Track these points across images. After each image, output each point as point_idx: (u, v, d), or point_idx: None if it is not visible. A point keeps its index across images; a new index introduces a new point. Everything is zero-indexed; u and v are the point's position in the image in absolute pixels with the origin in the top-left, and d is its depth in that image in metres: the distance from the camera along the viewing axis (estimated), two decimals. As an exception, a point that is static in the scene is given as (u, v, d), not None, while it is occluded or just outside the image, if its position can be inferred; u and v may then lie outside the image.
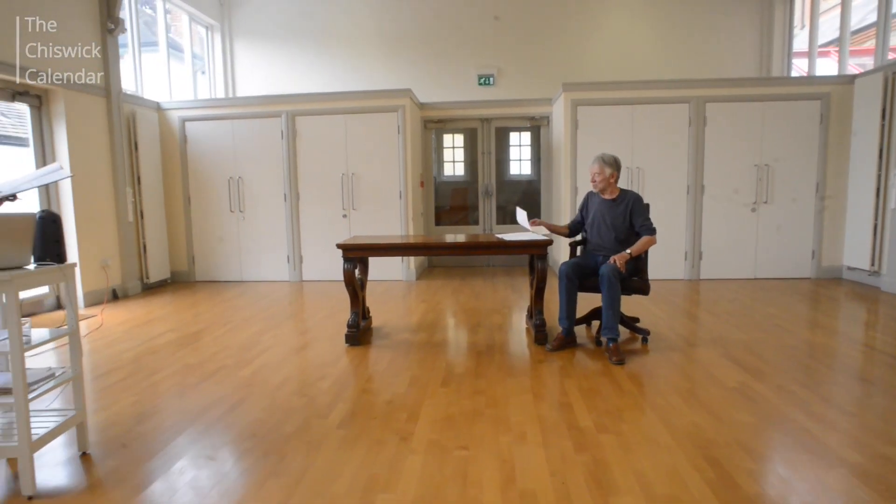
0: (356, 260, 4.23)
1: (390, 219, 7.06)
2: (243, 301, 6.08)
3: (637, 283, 3.96)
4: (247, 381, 3.44)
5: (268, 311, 5.55)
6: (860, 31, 7.13)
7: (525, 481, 2.18)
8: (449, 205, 8.62)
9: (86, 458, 2.47)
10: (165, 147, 7.26)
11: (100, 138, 6.17)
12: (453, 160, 8.62)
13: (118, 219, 6.41)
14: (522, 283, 6.69)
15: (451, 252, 6.69)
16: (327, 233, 7.05)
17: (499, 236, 4.25)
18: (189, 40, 8.37)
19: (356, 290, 4.22)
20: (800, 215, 6.60)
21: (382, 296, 6.06)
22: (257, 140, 7.16)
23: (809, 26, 7.86)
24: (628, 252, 3.80)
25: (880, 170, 5.89)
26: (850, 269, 6.51)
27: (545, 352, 3.92)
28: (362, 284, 4.47)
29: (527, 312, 4.73)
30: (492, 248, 4.26)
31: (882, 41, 6.33)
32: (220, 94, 8.87)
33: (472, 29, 8.55)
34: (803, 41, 8.11)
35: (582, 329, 4.44)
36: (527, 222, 4.27)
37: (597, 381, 3.30)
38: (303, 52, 8.81)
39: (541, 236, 4.12)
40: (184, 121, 7.23)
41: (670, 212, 6.64)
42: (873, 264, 6.03)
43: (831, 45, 7.62)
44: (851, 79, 6.41)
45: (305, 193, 7.17)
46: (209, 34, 8.87)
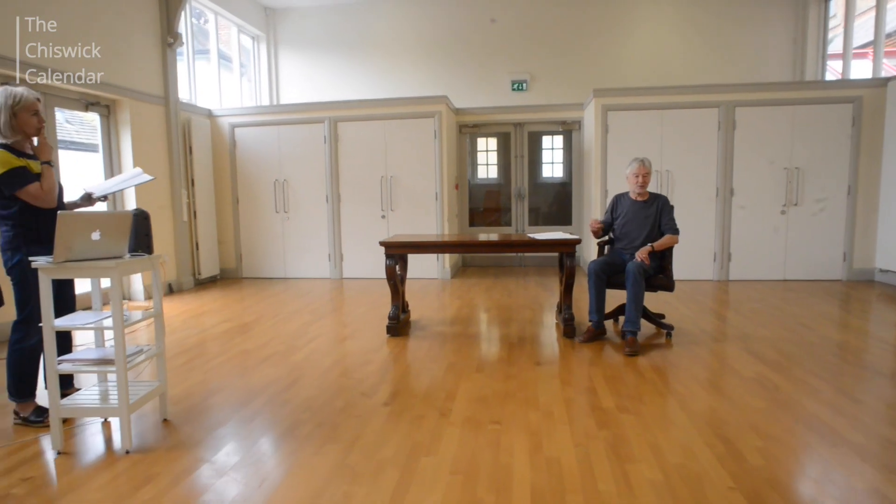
0: (397, 257, 4.56)
1: (426, 220, 7.39)
2: (288, 296, 6.49)
3: (662, 280, 4.19)
4: (299, 365, 3.80)
5: (312, 305, 5.93)
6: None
7: (551, 450, 2.46)
8: (482, 206, 8.91)
9: (167, 424, 2.85)
10: (216, 151, 7.75)
11: (159, 143, 6.68)
12: (487, 163, 8.91)
13: (174, 218, 6.91)
14: (553, 283, 6.93)
15: (485, 249, 6.97)
16: (367, 233, 7.42)
17: (530, 236, 4.52)
18: (237, 50, 8.89)
19: (397, 285, 4.55)
20: (830, 217, 6.66)
21: (419, 292, 6.38)
22: (301, 145, 7.59)
23: (844, 28, 7.88)
24: (651, 245, 4.06)
25: (912, 172, 5.93)
26: (882, 271, 6.54)
27: (573, 343, 4.17)
28: (402, 280, 4.79)
29: (556, 308, 4.98)
30: (522, 246, 4.53)
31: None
32: (265, 100, 9.37)
33: (505, 36, 8.82)
34: (840, 43, 8.12)
35: (609, 324, 4.67)
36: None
37: (621, 370, 3.55)
38: (343, 59, 9.23)
39: (570, 235, 4.37)
40: (233, 127, 7.71)
41: (699, 214, 6.79)
42: (905, 266, 6.07)
43: (868, 46, 7.63)
44: (884, 81, 6.45)
45: (346, 195, 7.56)
46: (255, 44, 9.37)
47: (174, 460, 2.45)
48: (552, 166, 8.77)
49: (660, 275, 4.20)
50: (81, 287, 3.59)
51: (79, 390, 2.95)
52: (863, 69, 7.83)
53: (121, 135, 6.21)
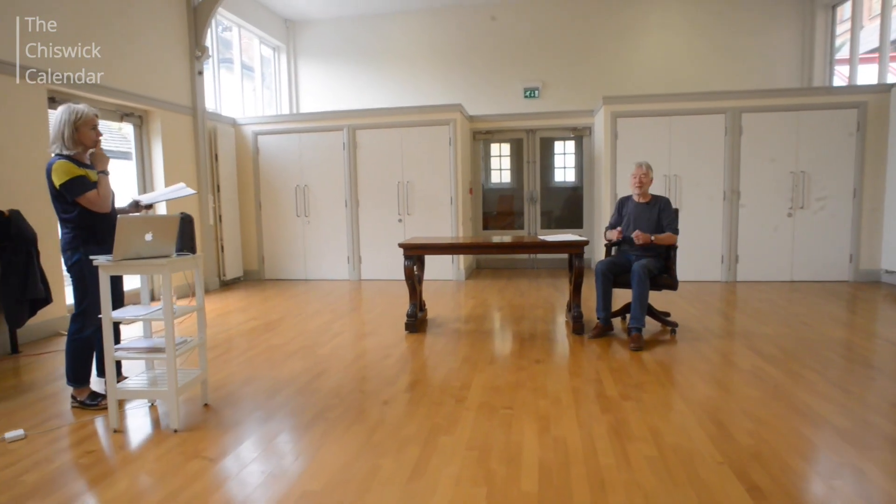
0: (415, 258, 4.83)
1: (442, 223, 7.67)
2: (310, 296, 6.78)
3: (666, 279, 4.41)
4: (325, 358, 4.08)
5: (333, 304, 6.22)
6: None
7: (558, 431, 2.70)
8: (496, 210, 9.16)
9: (207, 408, 3.13)
10: (240, 158, 8.10)
11: (187, 151, 7.03)
12: (500, 168, 9.16)
13: (201, 221, 7.25)
14: (565, 284, 7.15)
15: (497, 250, 7.22)
16: (384, 236, 7.72)
17: (541, 238, 4.77)
18: (259, 61, 9.25)
19: (414, 285, 4.82)
20: (836, 219, 6.82)
21: (435, 293, 6.65)
22: (321, 151, 7.91)
23: (851, 34, 8.03)
24: (652, 237, 4.34)
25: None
26: (888, 272, 6.68)
27: (582, 339, 4.41)
28: (419, 279, 5.06)
29: (567, 306, 5.22)
30: (533, 248, 4.78)
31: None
32: (285, 109, 9.72)
33: (518, 45, 9.10)
34: (848, 49, 8.25)
35: (617, 321, 4.89)
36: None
37: (626, 363, 3.78)
38: (361, 69, 9.56)
39: (578, 237, 4.61)
40: (256, 135, 8.05)
41: (707, 217, 6.99)
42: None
43: (876, 52, 7.76)
44: (888, 87, 6.61)
45: (364, 200, 7.86)
46: (276, 55, 9.73)
47: (218, 437, 2.73)
48: (564, 171, 9.00)
49: (664, 274, 4.42)
50: (127, 284, 3.90)
51: (126, 378, 3.25)
52: (871, 74, 7.96)
53: (152, 143, 6.56)
